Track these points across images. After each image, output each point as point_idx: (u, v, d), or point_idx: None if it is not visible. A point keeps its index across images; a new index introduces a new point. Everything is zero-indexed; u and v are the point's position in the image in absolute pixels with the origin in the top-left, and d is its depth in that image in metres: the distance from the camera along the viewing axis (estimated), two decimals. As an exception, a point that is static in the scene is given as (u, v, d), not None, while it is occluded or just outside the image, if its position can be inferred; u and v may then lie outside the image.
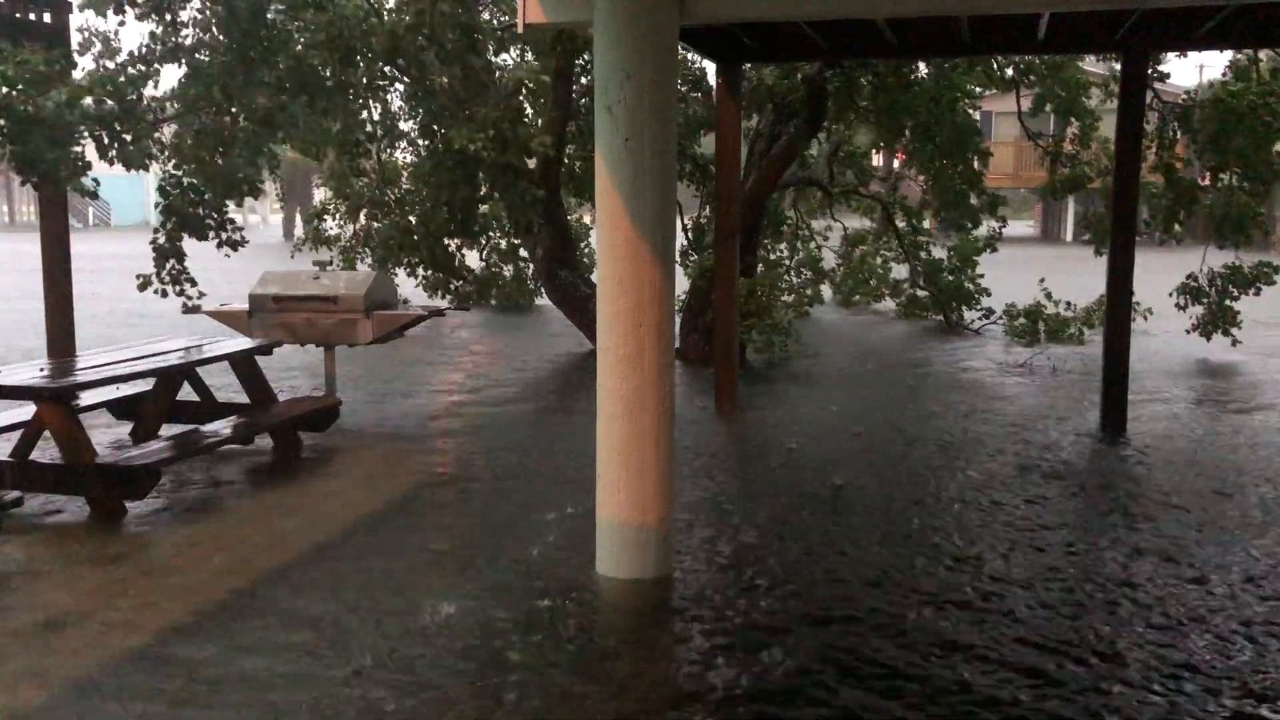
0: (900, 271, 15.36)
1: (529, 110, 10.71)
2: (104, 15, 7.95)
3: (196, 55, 8.27)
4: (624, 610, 4.57)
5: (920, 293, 14.69)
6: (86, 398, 6.81)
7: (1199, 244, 12.05)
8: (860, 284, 16.13)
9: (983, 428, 7.99)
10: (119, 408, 7.48)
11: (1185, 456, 7.12)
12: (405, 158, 12.67)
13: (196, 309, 8.54)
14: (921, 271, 14.48)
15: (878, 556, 5.14)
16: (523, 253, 14.98)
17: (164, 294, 8.46)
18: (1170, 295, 11.61)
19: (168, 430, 6.97)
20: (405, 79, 10.05)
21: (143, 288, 8.43)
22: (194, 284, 8.45)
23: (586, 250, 14.84)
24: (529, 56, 11.73)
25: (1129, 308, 8.06)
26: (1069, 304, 13.08)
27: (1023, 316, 12.90)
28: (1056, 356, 11.42)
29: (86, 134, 7.47)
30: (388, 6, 9.60)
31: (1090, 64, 14.09)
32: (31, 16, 8.56)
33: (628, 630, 4.37)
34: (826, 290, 16.11)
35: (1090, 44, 8.46)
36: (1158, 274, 11.61)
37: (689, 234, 13.30)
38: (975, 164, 12.43)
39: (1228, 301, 11.41)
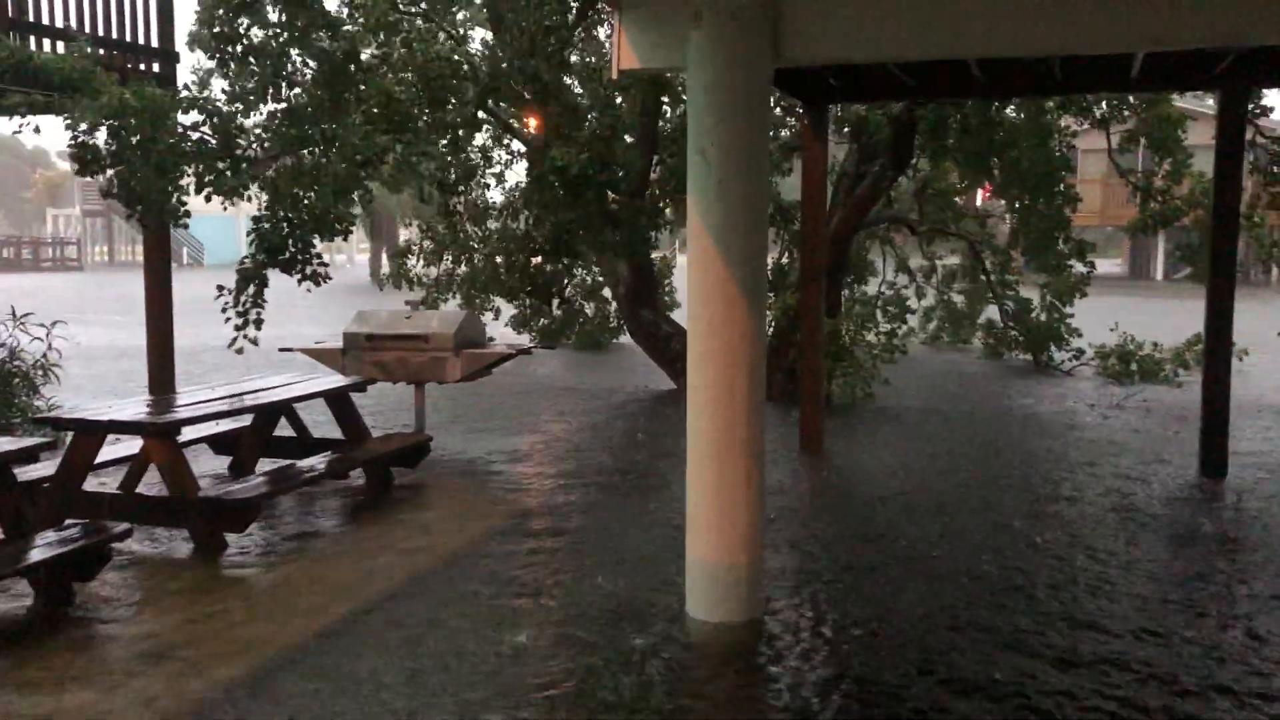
0: (989, 311, 15.18)
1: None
2: (211, 56, 8.29)
3: (291, 95, 8.56)
4: (713, 654, 4.55)
5: (1010, 332, 14.47)
6: (187, 433, 7.02)
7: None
8: (949, 323, 15.98)
9: (1077, 472, 7.82)
10: (218, 443, 7.69)
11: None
12: (494, 198, 12.92)
13: (289, 349, 8.76)
14: (1011, 311, 14.28)
15: (968, 602, 5.06)
16: (605, 291, 15.15)
17: (234, 328, 8.29)
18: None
19: (264, 465, 7.15)
20: (494, 120, 10.29)
21: (224, 312, 8.32)
22: (259, 323, 8.25)
23: (668, 288, 14.94)
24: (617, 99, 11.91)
25: (1228, 348, 7.85)
26: (1155, 344, 12.80)
27: (1114, 357, 12.64)
28: (1150, 398, 11.14)
29: (188, 168, 7.75)
30: (473, 47, 9.87)
31: (1184, 99, 13.86)
32: (142, 66, 8.96)
33: (716, 674, 4.35)
34: (912, 326, 15.95)
35: (1186, 81, 8.32)
36: (1252, 313, 11.28)
37: (770, 274, 13.31)
38: (1064, 207, 12.27)
39: None
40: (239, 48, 8.48)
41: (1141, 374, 12.45)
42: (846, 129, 10.81)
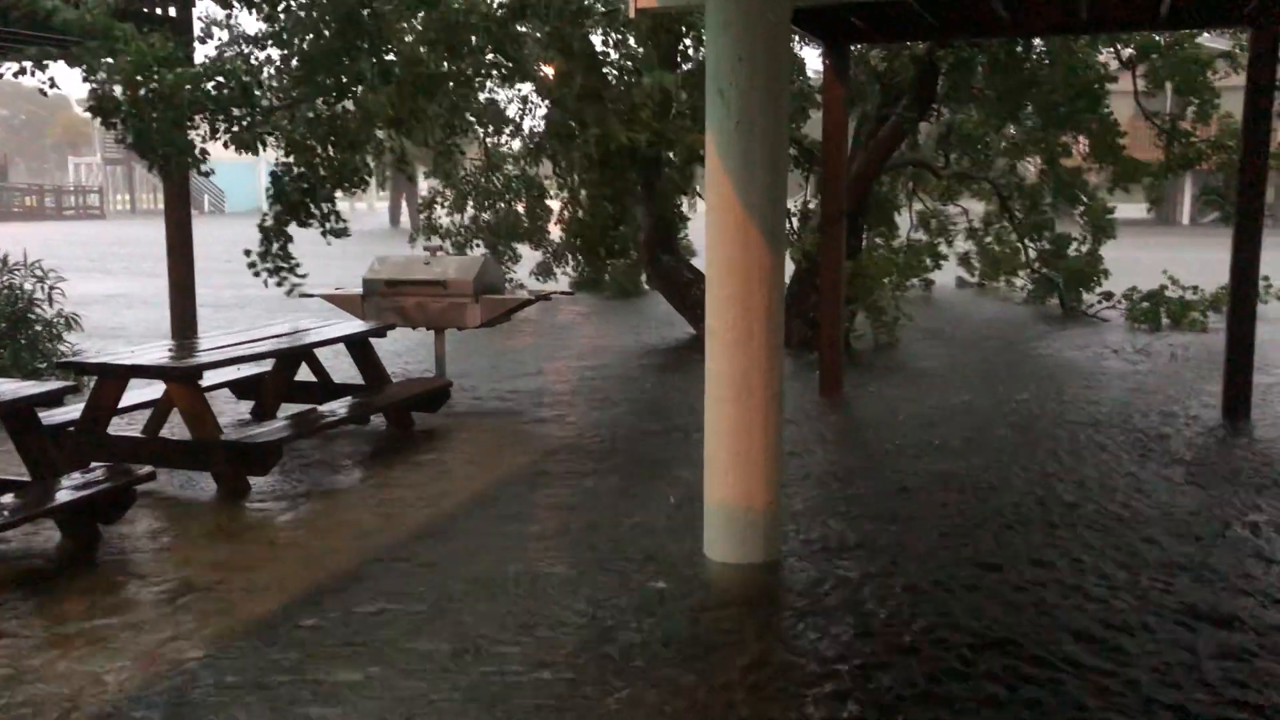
0: (1016, 258, 15.09)
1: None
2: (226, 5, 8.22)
3: (302, 42, 8.47)
4: (732, 595, 4.58)
5: (1042, 272, 14.34)
6: (209, 377, 7.07)
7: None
8: (980, 267, 15.95)
9: (1100, 413, 7.78)
10: (240, 388, 7.75)
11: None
12: (511, 144, 12.84)
13: (309, 294, 8.78)
14: (1041, 254, 14.18)
15: (989, 540, 5.07)
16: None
17: (264, 282, 8.40)
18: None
19: (286, 410, 7.20)
20: (507, 66, 10.18)
21: (251, 266, 8.45)
22: (294, 270, 8.35)
23: (686, 236, 14.86)
24: (630, 40, 11.77)
25: (1254, 291, 7.76)
26: (1194, 288, 12.67)
27: (1145, 300, 12.54)
28: (1180, 343, 11.05)
29: (203, 117, 7.71)
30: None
31: (1212, 39, 13.60)
32: (158, 10, 8.91)
33: (736, 616, 4.38)
34: (941, 274, 15.84)
35: (1216, 19, 8.11)
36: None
37: (794, 219, 13.21)
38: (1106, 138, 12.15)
39: None
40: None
41: (1171, 319, 12.33)
42: (870, 69, 10.64)
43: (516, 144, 13.02)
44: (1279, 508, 5.59)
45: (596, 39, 10.76)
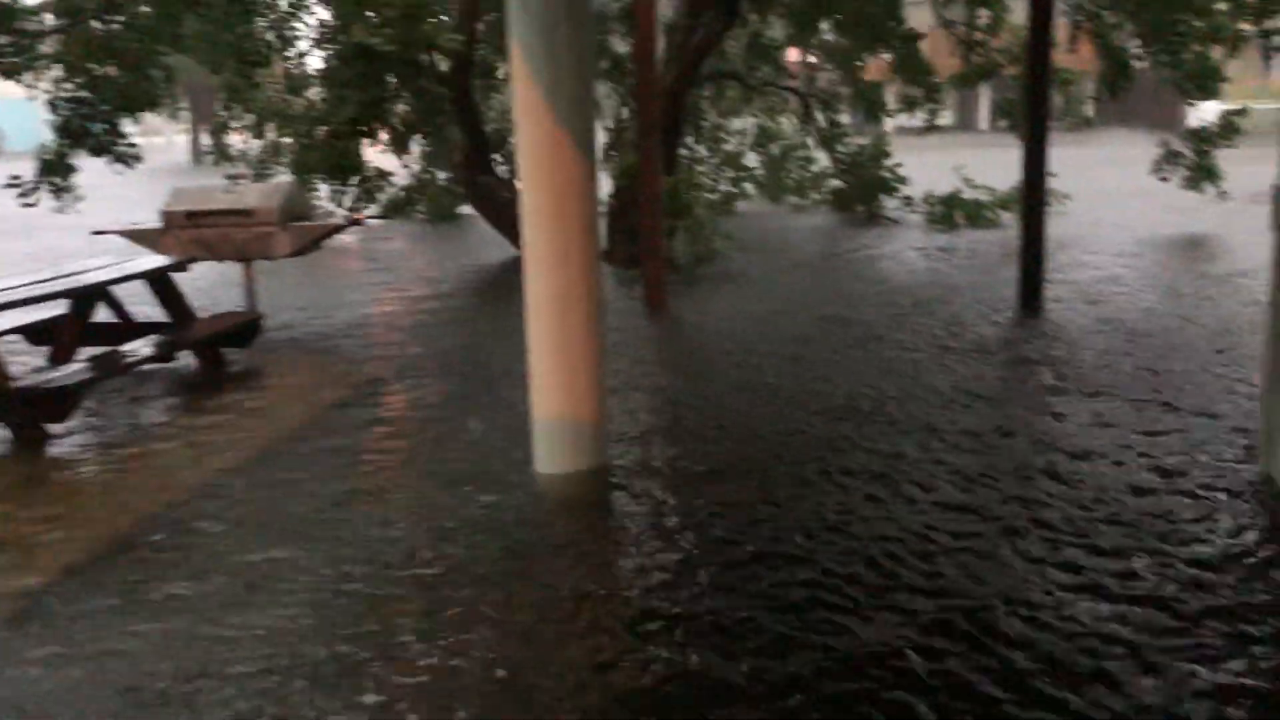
0: (821, 165, 15.46)
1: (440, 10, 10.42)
2: None
3: None
4: (562, 504, 4.62)
5: (843, 183, 14.77)
6: (-2, 323, 6.61)
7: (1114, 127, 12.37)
8: (786, 180, 16.21)
9: (904, 312, 8.14)
10: (34, 333, 7.26)
11: (1087, 331, 7.35)
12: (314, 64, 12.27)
13: (104, 231, 8.27)
14: (843, 164, 14.58)
15: (812, 431, 5.26)
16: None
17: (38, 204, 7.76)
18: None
19: (87, 354, 6.80)
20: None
21: (22, 196, 7.86)
22: (71, 193, 7.83)
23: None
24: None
25: (1043, 190, 8.21)
26: (989, 190, 13.30)
27: (941, 204, 13.09)
28: (976, 241, 11.62)
29: None
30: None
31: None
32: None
33: (566, 521, 4.43)
34: (751, 187, 16.12)
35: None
36: (1075, 162, 11.83)
37: (610, 134, 13.18)
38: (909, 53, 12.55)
39: (1204, 158, 12.51)
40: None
41: (968, 220, 12.93)
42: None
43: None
44: (1066, 385, 6.00)
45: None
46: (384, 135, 9.89)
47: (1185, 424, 5.25)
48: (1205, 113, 13.50)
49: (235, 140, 13.71)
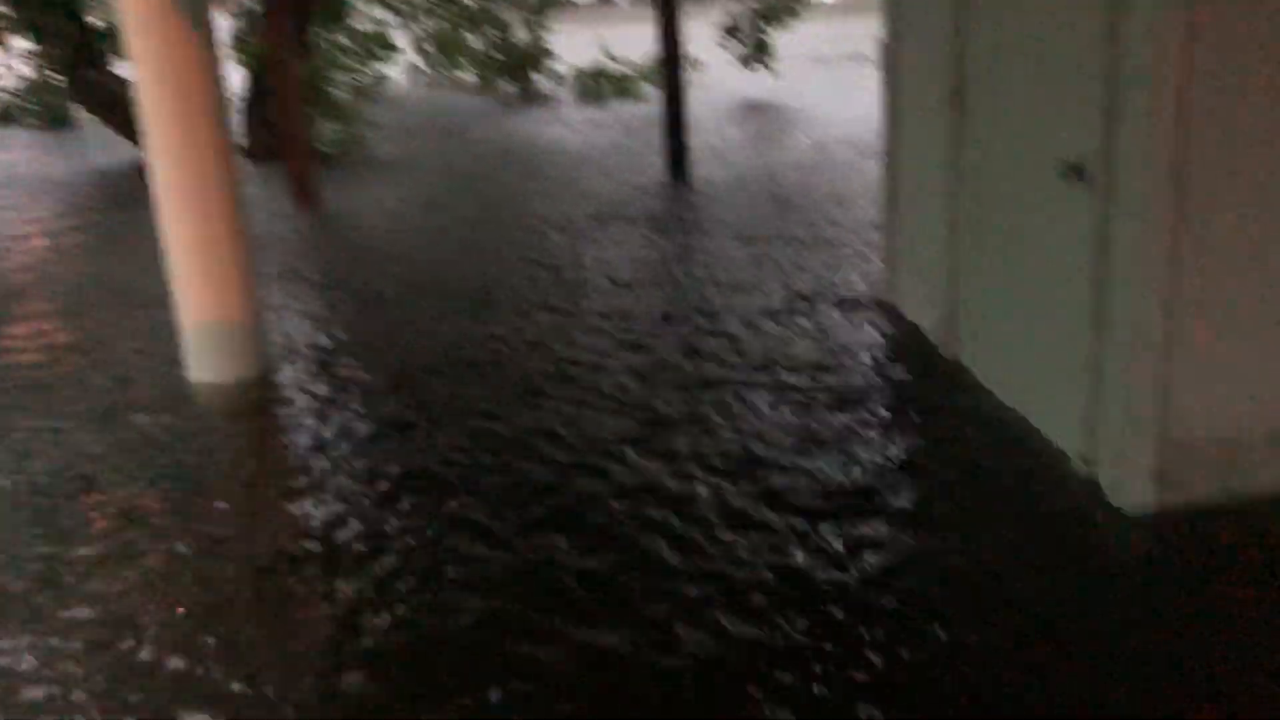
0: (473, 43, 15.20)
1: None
2: None
3: None
4: (223, 411, 4.40)
5: (494, 57, 14.56)
6: None
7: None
8: (438, 61, 15.82)
9: (559, 187, 8.26)
10: None
11: (731, 190, 7.81)
12: None
13: None
14: (489, 41, 14.39)
15: (467, 319, 5.28)
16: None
17: None
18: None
19: None
20: None
21: None
22: None
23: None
24: None
25: (679, 62, 8.48)
26: (631, 65, 13.59)
27: (590, 78, 13.27)
28: (626, 114, 11.90)
29: None
30: None
31: None
32: None
33: (227, 430, 4.23)
34: (396, 70, 15.56)
35: None
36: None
37: (235, 19, 12.22)
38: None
39: (763, 37, 13.22)
40: None
41: (615, 92, 13.20)
42: None
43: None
44: (710, 244, 6.36)
45: None
46: None
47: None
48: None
49: None
